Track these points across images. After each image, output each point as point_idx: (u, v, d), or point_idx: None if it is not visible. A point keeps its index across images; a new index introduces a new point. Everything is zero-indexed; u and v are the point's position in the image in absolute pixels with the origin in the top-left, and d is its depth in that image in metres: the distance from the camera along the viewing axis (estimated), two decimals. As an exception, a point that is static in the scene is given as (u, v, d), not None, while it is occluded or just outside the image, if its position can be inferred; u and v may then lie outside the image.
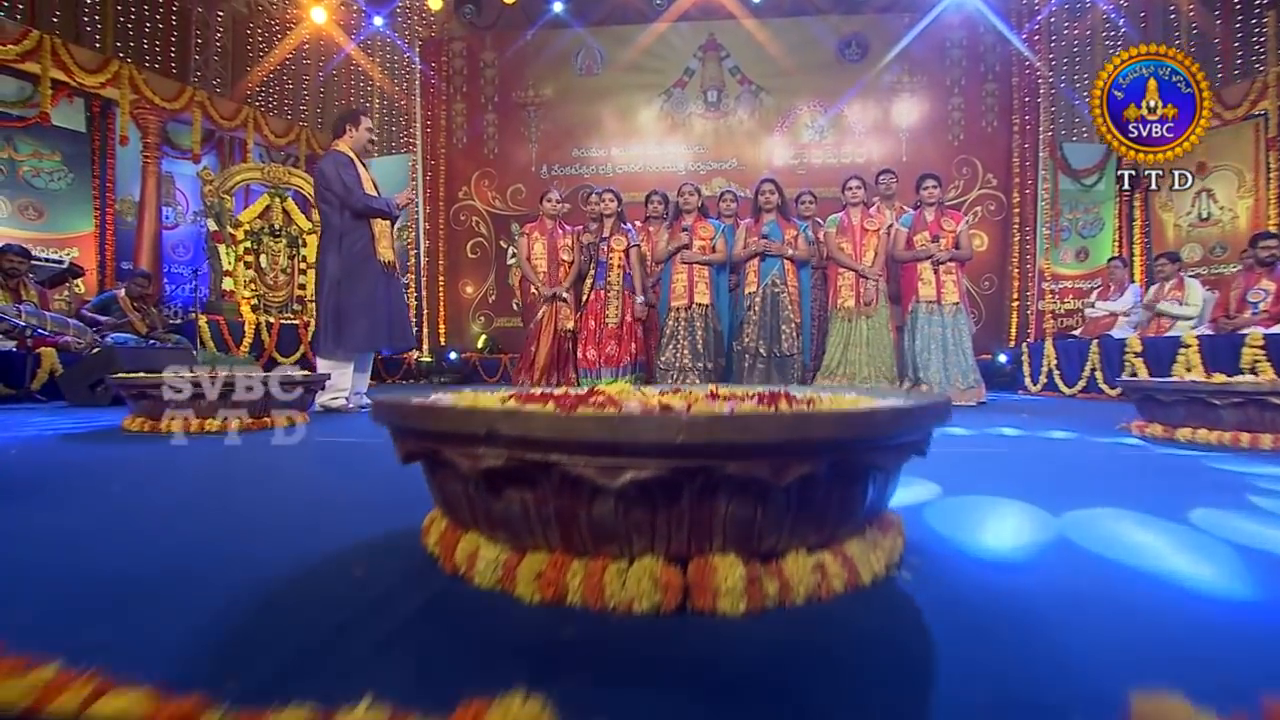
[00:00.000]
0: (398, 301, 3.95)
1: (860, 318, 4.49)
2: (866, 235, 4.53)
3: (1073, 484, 1.65)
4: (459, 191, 8.51)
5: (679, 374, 4.55)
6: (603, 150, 8.32)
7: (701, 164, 8.19)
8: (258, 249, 7.06)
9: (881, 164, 7.93)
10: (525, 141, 8.42)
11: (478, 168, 8.48)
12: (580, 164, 8.36)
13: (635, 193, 8.27)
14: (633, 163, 8.29)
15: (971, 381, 4.37)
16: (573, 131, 8.34)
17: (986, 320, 8.02)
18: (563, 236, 4.88)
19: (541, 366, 4.72)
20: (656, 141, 8.23)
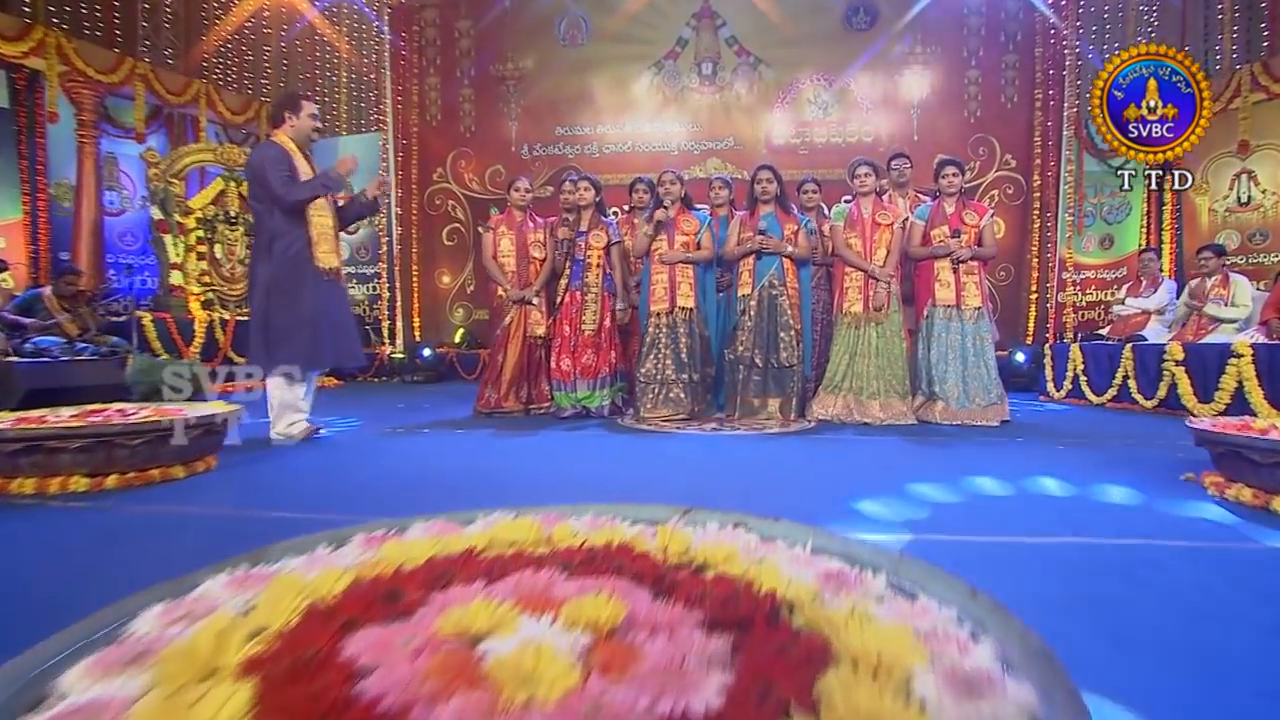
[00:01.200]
0: (341, 313, 3.42)
1: (869, 324, 4.00)
2: (878, 230, 4.02)
3: (1207, 644, 1.17)
4: (434, 173, 7.96)
5: (661, 387, 4.07)
6: (588, 128, 7.75)
7: (695, 143, 7.63)
8: (211, 238, 6.54)
9: (890, 142, 7.38)
10: (504, 118, 7.85)
11: (453, 147, 7.92)
12: (564, 143, 7.80)
13: (624, 174, 7.77)
14: (621, 142, 7.73)
15: (994, 398, 3.89)
16: (556, 107, 7.76)
17: (1003, 314, 7.49)
18: (533, 230, 4.37)
19: (509, 379, 4.24)
20: (647, 118, 7.66)
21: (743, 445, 3.14)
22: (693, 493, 2.13)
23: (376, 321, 7.97)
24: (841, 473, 2.46)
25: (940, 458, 2.76)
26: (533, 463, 2.63)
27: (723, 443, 3.24)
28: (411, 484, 2.25)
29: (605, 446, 3.09)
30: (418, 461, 2.60)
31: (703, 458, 2.78)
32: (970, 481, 2.26)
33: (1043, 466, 2.53)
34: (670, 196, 4.15)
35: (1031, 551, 1.59)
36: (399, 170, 7.74)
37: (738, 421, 3.98)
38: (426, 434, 3.47)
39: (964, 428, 3.73)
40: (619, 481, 2.31)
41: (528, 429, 3.66)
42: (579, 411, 4.14)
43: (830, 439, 3.34)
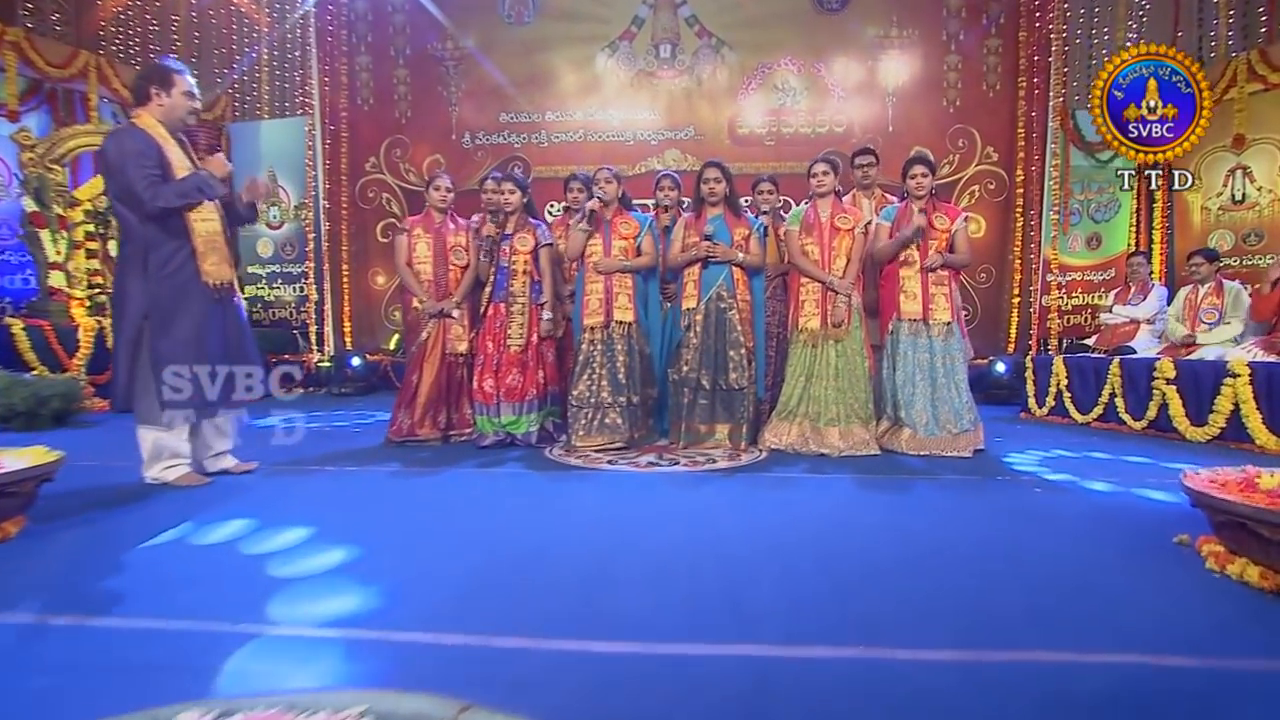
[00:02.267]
0: (237, 336, 3.02)
1: (827, 342, 3.71)
2: (837, 235, 3.73)
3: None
4: (366, 163, 7.54)
5: (595, 411, 3.75)
6: (536, 115, 7.39)
7: (653, 132, 7.31)
8: (105, 233, 6.06)
9: (864, 133, 7.16)
10: (444, 103, 7.46)
11: (388, 134, 7.51)
12: (510, 131, 7.43)
13: (575, 166, 7.26)
14: (572, 130, 7.38)
15: (967, 424, 3.63)
16: (499, 92, 7.39)
17: (982, 318, 7.32)
18: (454, 233, 4.03)
19: (425, 402, 3.89)
20: (600, 105, 7.32)
21: (676, 490, 2.84)
22: (590, 575, 1.82)
23: (304, 326, 7.55)
24: (768, 538, 2.16)
25: (887, 513, 2.48)
26: (414, 521, 2.29)
27: (656, 484, 2.93)
28: (232, 572, 1.91)
29: (514, 491, 2.77)
30: (267, 526, 2.24)
31: (624, 510, 2.47)
32: (920, 545, 1.98)
33: (1011, 524, 2.26)
34: (607, 195, 3.84)
35: (992, 676, 1.30)
36: (327, 159, 7.32)
37: (681, 450, 3.68)
38: (314, 473, 3.11)
39: (932, 459, 3.47)
40: (502, 555, 1.98)
41: (436, 464, 3.32)
42: (502, 439, 3.81)
43: (777, 477, 3.06)
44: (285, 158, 7.48)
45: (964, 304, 7.22)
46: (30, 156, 5.55)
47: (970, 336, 6.30)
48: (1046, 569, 1.85)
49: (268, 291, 7.75)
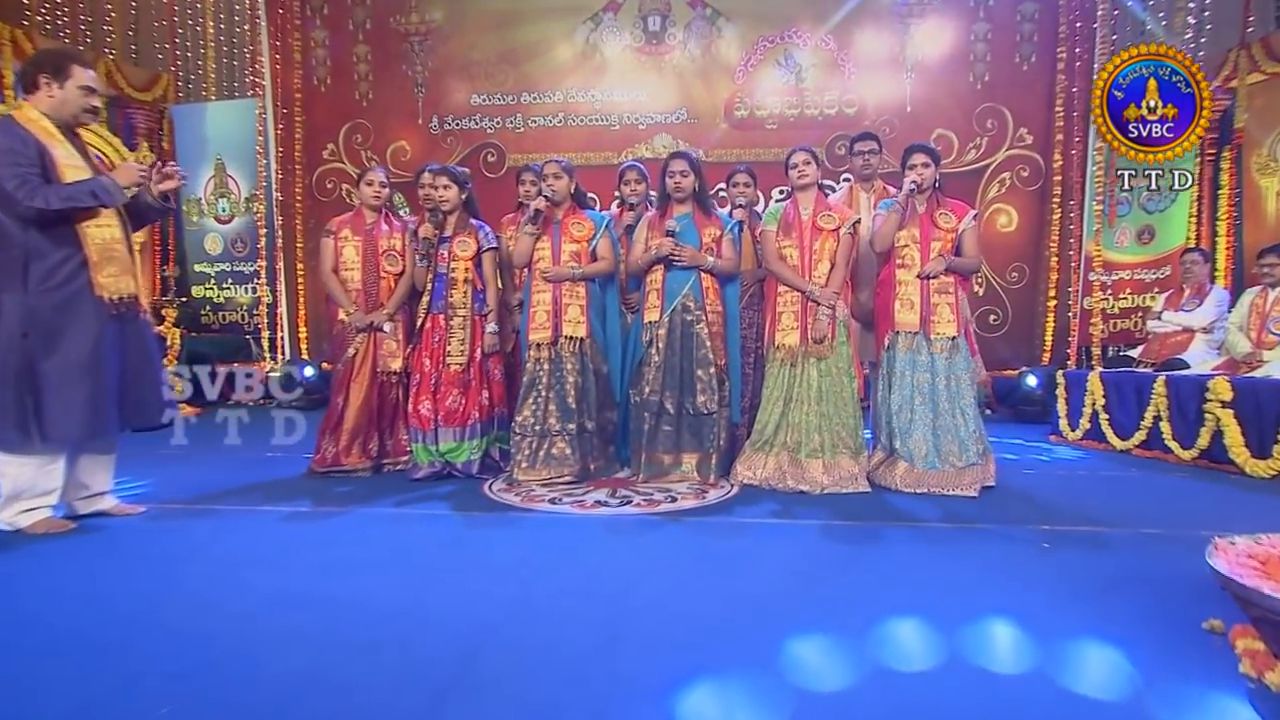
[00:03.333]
0: (138, 357, 2.86)
1: (808, 361, 3.50)
2: (820, 236, 3.52)
3: None
4: (323, 149, 7.42)
5: (540, 440, 3.57)
6: (511, 97, 7.22)
7: (640, 115, 7.12)
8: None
9: (880, 114, 6.93)
10: (409, 84, 7.32)
11: (347, 119, 7.38)
12: (482, 114, 7.27)
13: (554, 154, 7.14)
14: (551, 114, 7.21)
15: (973, 456, 3.40)
16: (470, 71, 7.23)
17: (1013, 324, 7.04)
18: (387, 236, 3.87)
19: (352, 427, 3.74)
20: (580, 86, 7.14)
21: (613, 539, 2.65)
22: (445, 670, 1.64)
23: (256, 331, 7.45)
24: (706, 609, 1.97)
25: (860, 576, 2.27)
26: (272, 588, 2.11)
27: (592, 531, 2.75)
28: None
29: (419, 540, 2.59)
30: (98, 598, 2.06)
31: (536, 571, 2.27)
32: (879, 636, 1.77)
33: (1004, 596, 2.04)
34: (556, 193, 3.66)
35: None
36: (280, 146, 7.22)
37: (642, 484, 3.50)
38: (204, 515, 2.96)
39: (930, 499, 3.25)
40: (350, 638, 1.81)
41: (350, 503, 3.16)
42: (439, 470, 3.64)
43: (736, 523, 2.86)
44: (234, 144, 7.39)
45: (992, 308, 7.05)
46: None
47: (1000, 345, 5.99)
48: (1034, 674, 1.64)
49: (217, 293, 7.66)
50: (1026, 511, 3.06)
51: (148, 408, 2.90)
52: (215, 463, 4.08)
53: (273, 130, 7.19)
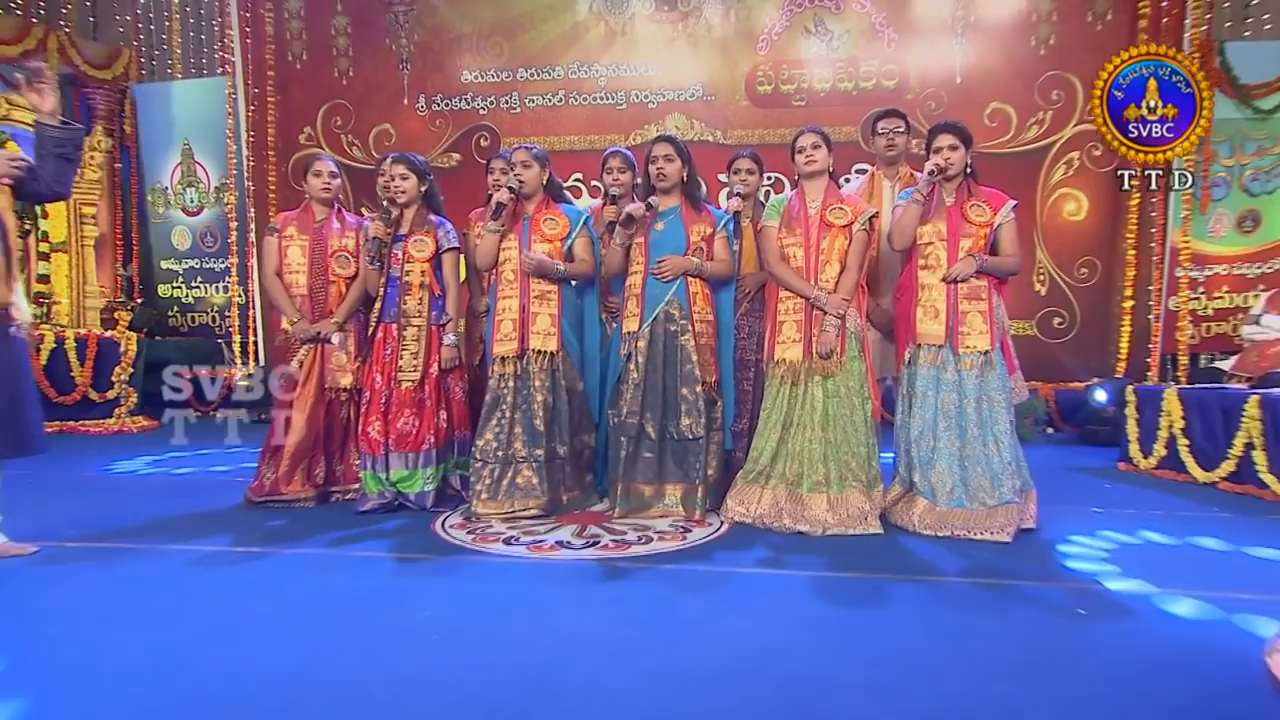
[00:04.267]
0: (10, 375, 2.82)
1: (812, 378, 3.32)
2: (828, 232, 3.34)
3: None
4: (299, 133, 7.41)
5: (504, 467, 3.46)
6: (506, 73, 7.13)
7: (651, 93, 6.97)
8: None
9: (924, 86, 6.71)
10: (393, 59, 7.27)
11: (326, 98, 7.36)
12: (474, 93, 7.20)
13: (555, 138, 7.12)
14: (551, 92, 7.10)
15: (1007, 493, 3.19)
16: (461, 44, 7.16)
17: (1083, 328, 6.74)
18: (338, 235, 3.80)
19: (294, 450, 3.66)
20: (583, 60, 7.02)
21: (562, 592, 2.51)
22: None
23: (228, 334, 7.51)
24: (640, 693, 1.82)
25: (843, 654, 2.09)
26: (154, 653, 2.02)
27: (542, 581, 2.61)
28: None
29: (344, 595, 2.47)
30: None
31: (466, 641, 2.14)
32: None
33: (1015, 687, 1.85)
34: (526, 185, 3.55)
35: None
36: (251, 130, 7.24)
37: (618, 520, 3.38)
38: (107, 555, 2.89)
39: (953, 544, 3.06)
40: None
41: (280, 541, 3.08)
42: (389, 501, 3.55)
43: (716, 573, 2.70)
44: (203, 128, 7.46)
45: (1057, 310, 6.76)
46: None
47: (1067, 353, 5.68)
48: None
49: (185, 293, 7.75)
50: (1064, 564, 2.85)
51: (18, 434, 2.83)
52: (145, 487, 4.06)
53: (244, 112, 7.21)
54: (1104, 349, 6.74)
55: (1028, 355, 6.76)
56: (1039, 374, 6.59)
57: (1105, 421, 5.88)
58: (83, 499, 3.83)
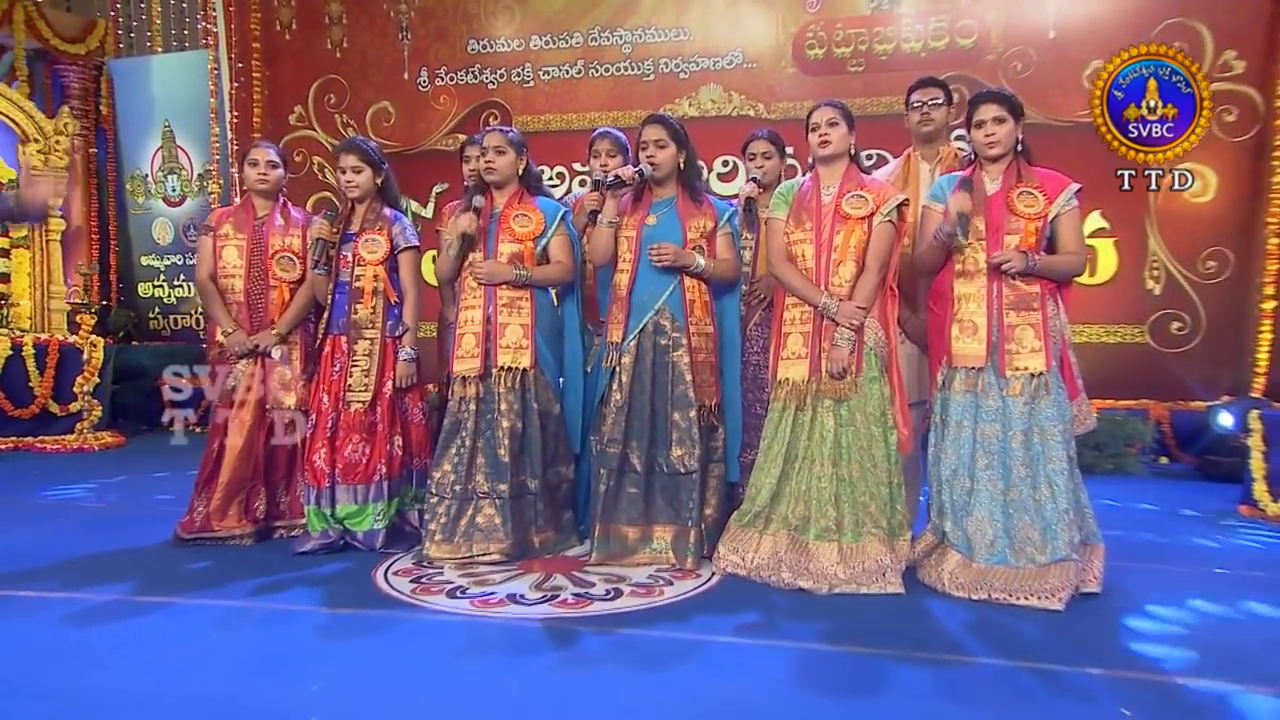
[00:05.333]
0: None
1: (821, 403, 3.17)
2: (843, 226, 3.19)
3: None
4: (289, 114, 7.54)
5: (462, 504, 3.41)
6: (517, 41, 7.11)
7: (682, 61, 6.85)
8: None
9: (1008, 44, 6.48)
10: (392, 28, 7.33)
11: (318, 73, 7.46)
12: (481, 65, 7.20)
13: (572, 115, 7.11)
14: (568, 62, 7.05)
15: (1062, 548, 2.96)
16: (466, 9, 7.18)
17: (1209, 335, 6.33)
18: (281, 233, 3.81)
19: (229, 480, 3.69)
20: (605, 25, 6.95)
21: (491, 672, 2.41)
22: None
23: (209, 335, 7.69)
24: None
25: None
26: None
27: (471, 652, 2.54)
28: None
29: (227, 665, 2.38)
30: None
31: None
32: None
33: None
34: (496, 175, 3.51)
35: None
36: (235, 109, 7.39)
37: (595, 565, 3.32)
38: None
39: (991, 610, 2.87)
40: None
41: (195, 588, 3.08)
42: (332, 541, 3.53)
43: (682, 641, 2.58)
44: (184, 107, 7.66)
45: (1176, 312, 6.38)
46: None
47: (1188, 365, 5.19)
48: None
49: (168, 292, 7.97)
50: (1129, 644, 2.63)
51: None
52: (74, 517, 4.16)
53: (226, 88, 7.38)
54: (1236, 361, 6.31)
55: (1138, 368, 6.46)
56: (1151, 391, 6.28)
57: (1232, 451, 5.50)
58: None
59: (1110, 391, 6.24)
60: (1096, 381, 6.32)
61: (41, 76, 7.79)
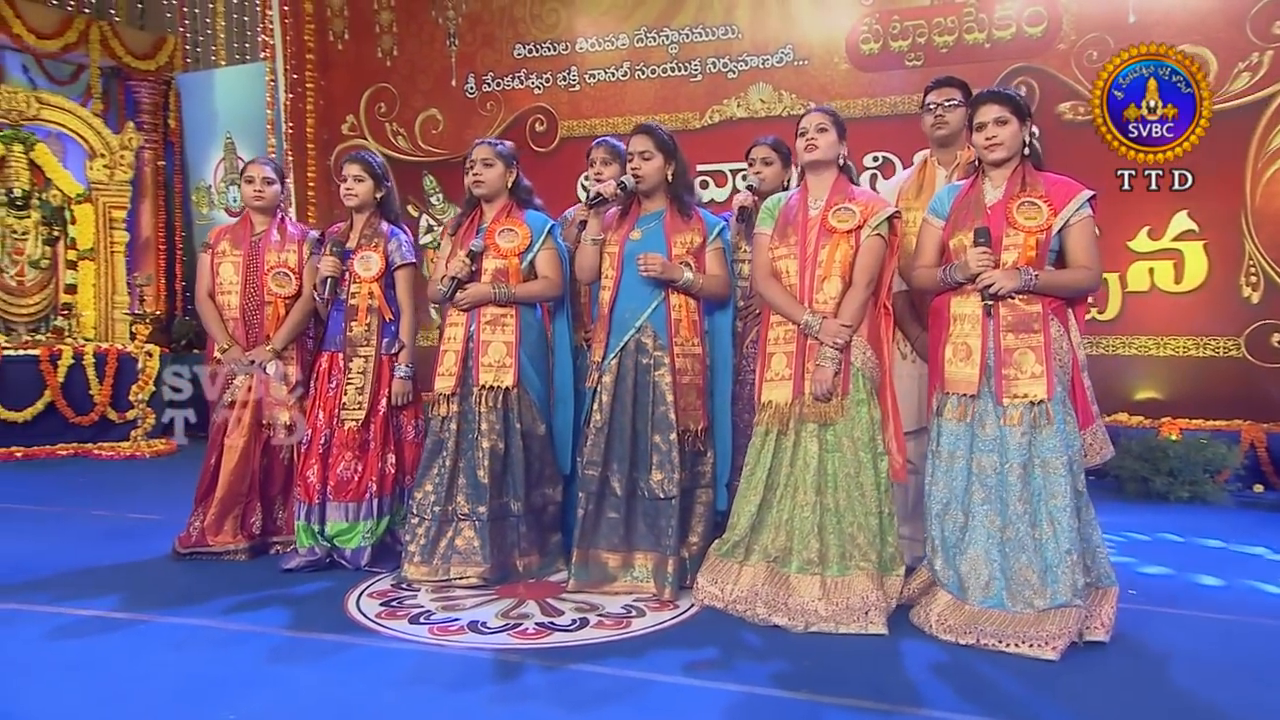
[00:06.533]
0: None
1: (805, 427, 3.07)
2: (829, 239, 3.09)
3: None
4: (342, 123, 7.81)
5: (441, 526, 3.46)
6: (563, 44, 7.18)
7: (730, 60, 6.78)
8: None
9: (1081, 32, 6.20)
10: (440, 35, 7.51)
11: (369, 82, 7.71)
12: (527, 70, 7.30)
13: (617, 119, 7.13)
14: (614, 65, 7.08)
15: (1064, 592, 2.79)
16: (512, 13, 7.29)
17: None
18: (277, 248, 3.94)
19: (225, 495, 3.82)
20: (651, 25, 6.94)
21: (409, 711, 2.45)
22: None
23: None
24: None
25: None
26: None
27: (401, 689, 2.55)
28: None
29: (156, 694, 2.48)
30: None
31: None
32: None
33: None
34: (484, 188, 3.56)
35: None
36: (289, 121, 7.68)
37: (574, 593, 3.31)
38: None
39: (979, 657, 2.72)
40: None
41: (175, 604, 3.19)
42: (318, 559, 3.62)
43: (630, 683, 2.53)
44: (244, 118, 8.00)
45: (1274, 322, 5.92)
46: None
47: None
48: None
49: (228, 301, 8.32)
50: (1132, 705, 2.46)
51: None
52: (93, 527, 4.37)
53: (283, 100, 7.66)
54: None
55: (1231, 384, 6.03)
56: (1245, 410, 5.86)
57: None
58: (13, 541, 4.22)
59: (1198, 410, 5.89)
60: (1182, 399, 6.02)
61: (115, 93, 8.27)
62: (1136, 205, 5.70)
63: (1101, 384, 6.05)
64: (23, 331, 6.89)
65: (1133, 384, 6.17)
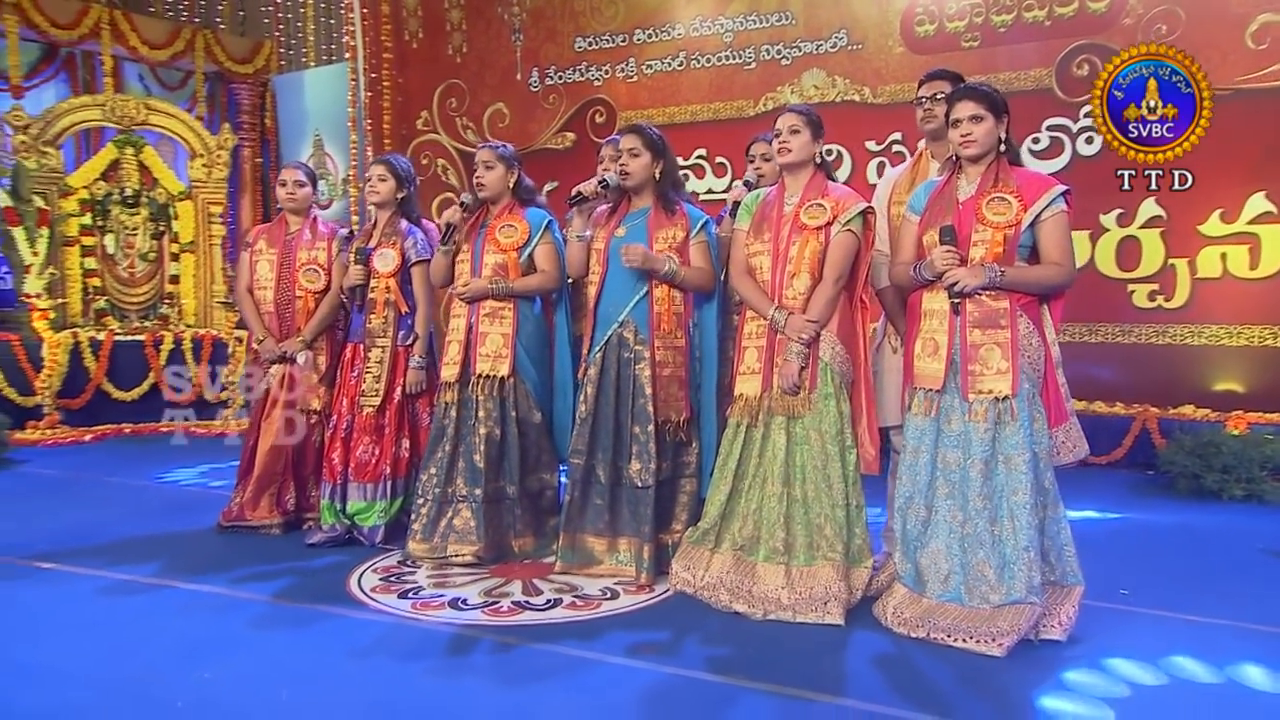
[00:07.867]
0: None
1: (773, 420, 3.12)
2: (800, 236, 3.12)
3: None
4: (417, 119, 8.10)
5: (441, 506, 3.65)
6: (621, 37, 7.24)
7: (785, 46, 6.71)
8: (104, 226, 7.42)
9: (1146, 8, 5.89)
10: (505, 31, 7.68)
11: (441, 79, 7.96)
12: (588, 62, 7.40)
13: (674, 108, 7.22)
14: (671, 55, 7.10)
15: (1020, 589, 2.76)
16: (573, 6, 7.40)
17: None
18: (308, 246, 4.20)
19: (261, 475, 4.13)
20: (706, 15, 6.93)
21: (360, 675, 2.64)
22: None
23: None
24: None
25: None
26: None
27: (363, 658, 2.76)
28: None
29: (139, 650, 2.76)
30: None
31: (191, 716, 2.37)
32: None
33: None
34: (486, 188, 3.72)
35: None
36: (369, 118, 8.02)
37: (559, 574, 3.47)
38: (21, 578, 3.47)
39: (926, 651, 2.74)
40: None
41: (207, 572, 3.49)
42: (338, 535, 3.88)
43: (571, 661, 2.66)
44: (330, 117, 8.42)
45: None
46: (23, 139, 6.97)
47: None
48: None
49: (321, 289, 8.82)
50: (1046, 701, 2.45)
51: None
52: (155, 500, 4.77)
53: (363, 98, 8.02)
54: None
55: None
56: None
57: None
58: (80, 511, 4.63)
59: (1275, 405, 5.56)
60: (1257, 393, 5.66)
61: (219, 95, 8.83)
62: (1208, 188, 5.39)
63: (1167, 375, 5.89)
64: (134, 318, 7.48)
65: (1202, 376, 5.85)
